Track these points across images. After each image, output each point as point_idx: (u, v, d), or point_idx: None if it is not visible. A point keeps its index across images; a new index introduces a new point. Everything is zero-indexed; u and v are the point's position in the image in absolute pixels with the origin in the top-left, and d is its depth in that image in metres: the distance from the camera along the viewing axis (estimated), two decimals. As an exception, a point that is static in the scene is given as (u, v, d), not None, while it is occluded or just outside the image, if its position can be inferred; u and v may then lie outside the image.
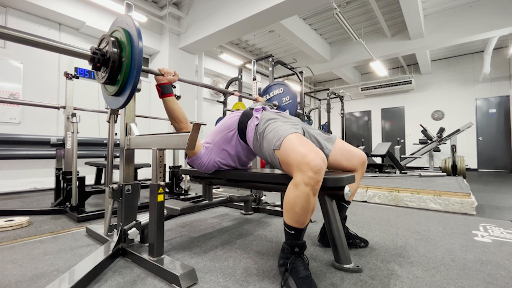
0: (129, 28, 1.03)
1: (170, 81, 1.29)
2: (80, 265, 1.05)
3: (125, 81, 1.02)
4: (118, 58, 1.02)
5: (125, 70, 1.00)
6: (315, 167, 0.90)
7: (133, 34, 0.99)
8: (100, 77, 1.09)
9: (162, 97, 1.27)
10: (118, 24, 1.10)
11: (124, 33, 1.02)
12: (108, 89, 1.13)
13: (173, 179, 2.92)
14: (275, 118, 1.21)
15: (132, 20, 1.02)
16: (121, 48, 1.02)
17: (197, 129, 0.96)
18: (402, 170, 4.69)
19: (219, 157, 1.31)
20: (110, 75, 1.03)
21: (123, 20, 1.08)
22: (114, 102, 1.13)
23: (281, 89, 2.00)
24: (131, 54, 0.99)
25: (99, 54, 1.02)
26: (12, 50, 3.37)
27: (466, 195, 2.23)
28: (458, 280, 1.02)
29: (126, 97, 1.03)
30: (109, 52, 1.02)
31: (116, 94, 1.08)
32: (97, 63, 1.03)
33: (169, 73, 1.29)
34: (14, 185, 3.32)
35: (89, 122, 3.91)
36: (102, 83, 1.10)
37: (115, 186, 1.26)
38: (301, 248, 0.99)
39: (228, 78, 5.90)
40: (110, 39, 1.03)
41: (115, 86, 1.06)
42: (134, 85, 0.99)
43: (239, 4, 3.72)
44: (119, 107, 1.10)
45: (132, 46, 0.99)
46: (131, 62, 0.99)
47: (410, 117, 7.75)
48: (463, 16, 4.73)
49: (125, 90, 1.04)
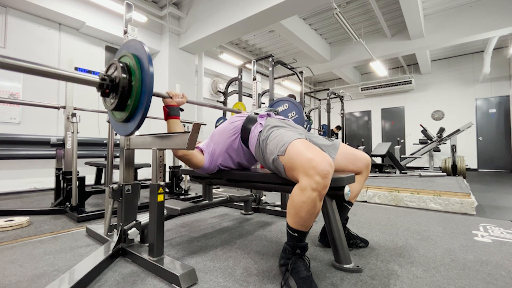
0: (138, 52, 1.01)
1: (178, 104, 1.25)
2: (80, 265, 1.05)
3: (135, 106, 0.99)
4: (128, 83, 0.99)
5: (136, 95, 0.97)
6: (322, 172, 0.88)
7: (143, 59, 0.97)
8: (109, 103, 1.06)
9: (168, 118, 1.23)
10: (126, 49, 1.08)
11: (133, 57, 1.00)
12: (116, 116, 1.10)
13: (173, 179, 2.92)
14: (279, 126, 1.19)
15: (141, 44, 1.00)
16: (131, 73, 1.00)
17: (197, 129, 0.96)
18: (402, 170, 4.68)
19: (221, 161, 1.30)
20: (120, 101, 1.01)
21: (132, 44, 1.06)
22: (123, 129, 1.10)
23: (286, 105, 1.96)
24: (141, 78, 0.97)
25: (108, 80, 1.00)
26: (12, 50, 3.37)
27: (466, 195, 2.23)
28: (458, 280, 1.02)
29: (137, 123, 0.99)
30: (118, 77, 1.00)
31: (125, 121, 1.05)
32: (106, 89, 1.00)
33: (177, 95, 1.26)
34: (14, 185, 3.32)
35: (89, 122, 3.91)
36: (111, 110, 1.07)
37: (115, 186, 1.26)
38: (303, 250, 0.99)
39: (228, 78, 5.91)
40: (119, 65, 1.01)
41: (124, 112, 1.03)
42: (145, 110, 0.96)
43: (239, 4, 3.72)
44: (129, 134, 1.07)
45: (143, 71, 0.97)
46: (141, 86, 0.97)
47: (410, 117, 7.75)
48: (463, 16, 4.73)
49: (135, 116, 1.01)
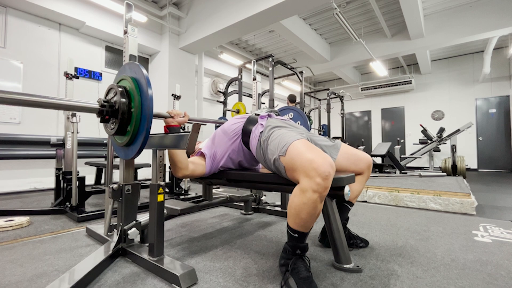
0: (137, 76, 1.00)
1: (179, 123, 1.21)
2: (80, 265, 1.05)
3: (135, 131, 0.99)
4: (127, 108, 0.99)
5: (136, 120, 0.97)
6: (323, 173, 0.88)
7: (142, 82, 0.97)
8: (110, 128, 1.06)
9: None
10: (125, 73, 1.08)
11: (132, 81, 1.00)
12: (118, 140, 1.10)
13: (173, 179, 2.92)
14: (280, 126, 1.18)
15: (139, 67, 1.00)
16: (130, 97, 1.00)
17: (197, 129, 0.96)
18: (402, 170, 4.68)
19: (222, 163, 1.30)
20: (120, 127, 1.00)
21: (130, 68, 1.06)
22: (125, 153, 1.10)
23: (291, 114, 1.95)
24: (141, 102, 0.96)
25: (108, 106, 1.00)
26: (12, 50, 3.37)
27: (466, 195, 2.23)
28: (458, 280, 1.02)
29: (138, 148, 0.99)
30: (117, 102, 0.99)
31: (127, 145, 1.05)
32: (106, 116, 1.00)
33: (178, 114, 1.22)
34: (14, 185, 3.32)
35: (89, 122, 3.90)
36: (112, 135, 1.07)
37: (115, 186, 1.26)
38: (303, 250, 0.99)
39: (228, 78, 5.91)
40: (118, 89, 1.00)
41: (126, 137, 1.03)
42: (146, 135, 0.95)
43: (239, 4, 3.72)
44: (131, 158, 1.07)
45: (142, 94, 0.96)
46: (141, 111, 0.96)
47: (410, 117, 7.75)
48: (463, 16, 4.73)
49: (136, 140, 1.00)
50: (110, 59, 4.44)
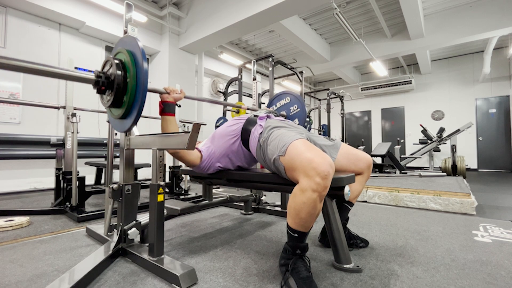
0: (133, 49, 1.01)
1: (175, 100, 1.24)
2: (80, 265, 1.05)
3: (131, 103, 1.00)
4: (123, 80, 1.00)
5: (131, 92, 0.99)
6: (323, 173, 0.88)
7: (137, 55, 0.98)
8: (106, 100, 1.07)
9: (162, 114, 1.22)
10: (121, 45, 1.09)
11: (128, 54, 1.01)
12: (113, 113, 1.11)
13: (173, 179, 2.92)
14: (279, 126, 1.19)
15: (135, 41, 1.01)
16: (126, 70, 1.01)
17: (197, 129, 0.96)
18: (402, 170, 4.68)
19: (220, 163, 1.30)
20: (116, 98, 1.02)
21: (126, 41, 1.07)
22: (120, 125, 1.11)
23: (288, 99, 1.95)
24: (136, 75, 0.98)
25: (103, 77, 1.01)
26: (12, 50, 3.37)
27: (466, 195, 2.23)
28: (458, 280, 1.02)
29: (133, 119, 1.01)
30: (113, 74, 1.01)
31: (122, 117, 1.06)
32: (102, 87, 1.01)
33: (174, 91, 1.25)
34: (14, 185, 3.32)
35: (89, 122, 3.91)
36: (107, 107, 1.08)
37: (115, 186, 1.26)
38: (303, 250, 0.99)
39: (228, 78, 5.91)
40: (114, 62, 1.02)
41: (121, 109, 1.04)
42: (140, 106, 0.97)
43: (239, 4, 3.72)
44: (126, 130, 1.08)
45: (137, 67, 0.98)
46: (136, 83, 0.98)
47: (410, 117, 7.75)
48: (463, 16, 4.73)
49: (131, 112, 1.02)
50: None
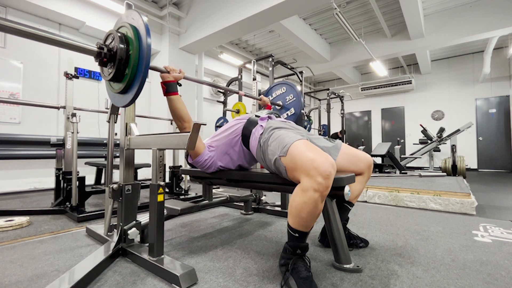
0: (136, 23, 1.00)
1: (175, 79, 1.24)
2: (80, 265, 1.05)
3: (133, 76, 0.99)
4: (125, 53, 0.99)
5: (133, 65, 0.97)
6: (324, 172, 0.88)
7: (141, 29, 0.97)
8: (107, 73, 1.06)
9: (167, 95, 1.23)
10: (125, 20, 1.08)
11: (131, 28, 1.00)
12: (114, 87, 1.09)
13: (173, 179, 2.92)
14: (280, 127, 1.19)
15: (139, 15, 1.00)
16: (128, 43, 1.00)
17: (197, 129, 0.96)
18: (402, 170, 4.68)
19: (221, 161, 1.31)
20: (117, 71, 1.00)
21: (130, 15, 1.06)
22: (120, 100, 1.09)
23: (284, 88, 1.97)
24: (139, 49, 0.96)
25: (106, 49, 1.00)
26: (12, 50, 3.37)
27: (466, 195, 2.23)
28: (458, 280, 1.02)
29: (134, 94, 0.99)
30: (116, 47, 0.99)
31: (122, 91, 1.04)
32: (104, 59, 1.00)
33: (174, 70, 1.25)
34: (14, 185, 3.32)
35: (89, 122, 3.91)
36: (108, 80, 1.07)
37: (115, 186, 1.26)
38: (304, 250, 0.99)
39: (228, 78, 5.90)
40: (117, 35, 1.01)
41: (122, 83, 1.03)
42: (142, 80, 0.96)
43: (239, 4, 3.72)
44: (126, 104, 1.06)
45: (140, 41, 0.97)
46: (139, 56, 0.97)
47: (410, 117, 7.75)
48: (463, 16, 4.72)
49: (132, 86, 1.00)
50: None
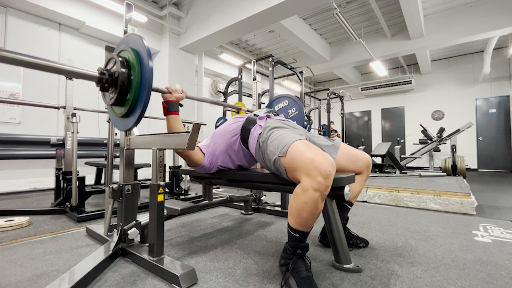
0: (137, 47, 1.00)
1: (177, 99, 1.24)
2: (80, 265, 1.05)
3: (134, 101, 0.99)
4: (127, 77, 0.99)
5: (135, 90, 0.97)
6: (324, 172, 0.88)
7: (142, 53, 0.97)
8: (108, 98, 1.05)
9: (167, 114, 1.22)
10: (125, 43, 1.08)
11: (132, 52, 1.00)
12: (115, 111, 1.09)
13: (173, 179, 2.92)
14: (279, 127, 1.19)
15: (140, 39, 1.00)
16: (130, 67, 1.00)
17: (197, 129, 0.96)
18: (402, 170, 4.68)
19: (221, 161, 1.30)
20: (119, 95, 1.00)
21: (131, 39, 1.05)
22: (122, 124, 1.09)
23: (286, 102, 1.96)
24: (141, 73, 0.97)
25: (107, 74, 1.00)
26: (12, 50, 3.37)
27: (466, 195, 2.23)
28: (458, 280, 1.02)
29: (137, 118, 0.99)
30: (117, 72, 0.99)
31: (125, 116, 1.04)
32: (105, 84, 1.00)
33: (176, 91, 1.24)
34: (14, 185, 3.31)
35: (89, 122, 3.91)
36: (110, 105, 1.06)
37: (115, 186, 1.26)
38: (304, 250, 0.99)
39: (228, 78, 5.91)
40: (118, 59, 1.01)
41: (124, 107, 1.03)
42: (145, 104, 0.96)
43: (239, 4, 3.72)
44: (129, 128, 1.06)
45: (142, 65, 0.97)
46: (141, 81, 0.96)
47: (410, 117, 7.75)
48: (463, 16, 4.73)
49: (135, 110, 1.00)
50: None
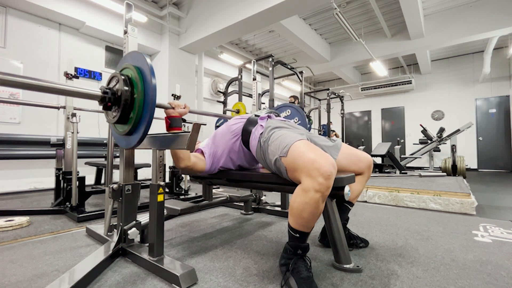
0: (140, 64, 1.00)
1: (180, 114, 1.22)
2: (80, 265, 1.05)
3: (138, 119, 0.98)
4: (130, 96, 0.99)
5: (138, 108, 0.97)
6: (325, 173, 0.88)
7: (145, 71, 0.97)
8: (111, 116, 1.05)
9: (170, 130, 1.19)
10: (128, 61, 1.07)
11: (135, 70, 0.99)
12: (118, 129, 1.08)
13: (173, 179, 2.92)
14: (280, 127, 1.19)
15: (143, 56, 1.00)
16: (133, 85, 0.99)
17: (197, 129, 0.96)
18: (402, 170, 4.68)
19: (222, 162, 1.30)
20: (122, 114, 0.99)
21: (134, 57, 1.05)
22: (126, 142, 1.08)
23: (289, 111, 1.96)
24: (144, 91, 0.96)
25: (110, 93, 0.99)
26: (12, 50, 3.37)
27: (466, 195, 2.23)
28: (458, 280, 1.02)
29: (140, 136, 0.98)
30: (120, 90, 0.99)
31: (128, 134, 1.04)
32: (108, 103, 1.00)
33: (179, 106, 1.23)
34: (14, 185, 3.31)
35: (89, 122, 3.91)
36: (113, 123, 1.05)
37: (115, 186, 1.26)
38: (305, 250, 0.99)
39: (228, 78, 5.91)
40: (121, 77, 1.00)
41: (127, 125, 1.02)
42: (148, 122, 0.95)
43: (239, 4, 3.72)
44: (132, 147, 1.06)
45: (145, 83, 0.96)
46: (144, 99, 0.96)
47: (410, 117, 7.75)
48: (463, 16, 4.72)
49: (138, 128, 0.99)
50: (110, 59, 4.45)
